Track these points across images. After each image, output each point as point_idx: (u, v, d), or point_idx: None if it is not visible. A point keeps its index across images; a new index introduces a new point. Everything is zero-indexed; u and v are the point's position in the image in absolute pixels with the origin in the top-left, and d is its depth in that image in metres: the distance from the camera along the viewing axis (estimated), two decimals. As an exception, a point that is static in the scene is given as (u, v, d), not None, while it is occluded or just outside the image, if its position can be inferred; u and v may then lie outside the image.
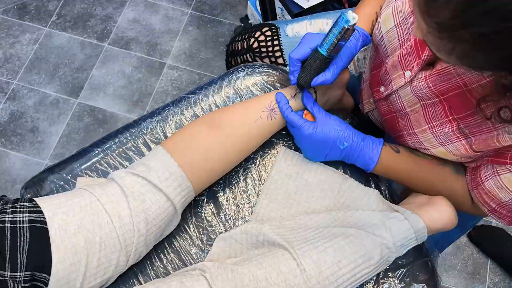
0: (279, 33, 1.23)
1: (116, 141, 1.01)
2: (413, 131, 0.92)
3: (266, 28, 1.24)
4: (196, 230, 0.96)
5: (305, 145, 0.94)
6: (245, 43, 1.24)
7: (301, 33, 1.22)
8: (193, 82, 2.09)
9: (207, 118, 0.94)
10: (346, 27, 0.80)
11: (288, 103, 0.94)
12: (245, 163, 1.02)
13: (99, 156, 0.99)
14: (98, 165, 0.98)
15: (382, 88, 1.00)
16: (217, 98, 1.06)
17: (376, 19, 1.00)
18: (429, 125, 0.88)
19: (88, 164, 0.98)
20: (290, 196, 0.98)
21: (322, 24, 1.24)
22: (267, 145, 1.03)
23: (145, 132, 1.02)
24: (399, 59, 0.91)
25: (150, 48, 2.15)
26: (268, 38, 1.22)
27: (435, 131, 0.87)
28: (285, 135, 1.04)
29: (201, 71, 2.11)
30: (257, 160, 1.02)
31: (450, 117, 0.83)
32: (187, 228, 0.96)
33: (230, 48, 1.30)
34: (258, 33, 1.24)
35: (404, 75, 0.90)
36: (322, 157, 0.96)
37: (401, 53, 0.90)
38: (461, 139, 0.83)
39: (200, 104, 1.06)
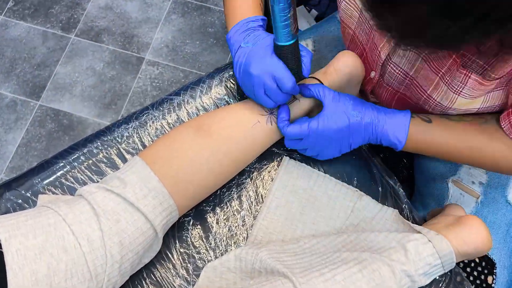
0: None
1: (84, 151, 1.02)
2: (427, 94, 0.94)
3: None
4: (180, 258, 0.97)
5: (320, 146, 0.95)
6: None
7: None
8: (177, 80, 2.10)
9: (194, 123, 0.95)
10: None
11: (288, 119, 0.95)
12: (239, 178, 1.02)
13: (65, 169, 1.00)
14: (63, 180, 0.99)
15: (372, 74, 1.03)
16: (205, 100, 1.07)
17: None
18: (439, 74, 0.90)
19: (51, 178, 0.99)
20: (294, 217, 0.99)
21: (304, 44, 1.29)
22: (265, 156, 1.03)
23: (119, 140, 1.03)
24: None
25: (125, 40, 2.16)
26: None
27: (446, 78, 0.89)
28: (287, 143, 1.05)
29: (187, 68, 2.12)
30: (254, 174, 1.03)
31: (454, 55, 0.85)
32: (169, 255, 0.97)
33: None
34: None
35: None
36: (347, 147, 0.97)
37: None
38: (469, 74, 0.85)
39: (186, 107, 1.07)
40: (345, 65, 1.00)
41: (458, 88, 0.88)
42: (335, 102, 0.93)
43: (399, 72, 0.97)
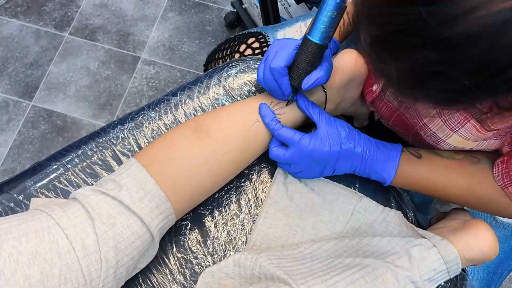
0: (268, 43, 1.25)
1: (79, 153, 1.02)
2: (423, 122, 0.94)
3: (253, 39, 1.25)
4: (177, 263, 0.97)
5: (305, 164, 0.95)
6: (228, 60, 1.26)
7: (296, 38, 1.26)
8: (174, 80, 2.10)
9: (192, 123, 0.95)
10: (340, 2, 0.82)
11: (275, 116, 0.95)
12: (238, 180, 1.03)
13: (58, 172, 1.00)
14: (56, 183, 0.99)
15: (374, 87, 1.02)
16: (203, 100, 1.08)
17: (344, 24, 1.04)
18: (437, 110, 0.90)
19: (44, 181, 0.99)
20: (293, 221, 0.99)
21: (299, 28, 1.27)
22: (265, 158, 1.03)
23: (114, 142, 1.03)
24: None
25: (121, 38, 2.16)
26: (256, 52, 1.24)
27: (444, 115, 0.89)
28: (287, 145, 1.05)
29: (184, 67, 2.12)
30: (253, 177, 1.04)
31: None
32: (166, 260, 0.97)
33: (209, 68, 1.32)
34: (243, 46, 1.25)
35: None
36: (330, 171, 0.97)
37: None
38: (469, 118, 0.86)
39: (183, 107, 1.07)
40: (347, 64, 1.00)
41: (455, 127, 0.89)
42: (329, 127, 0.93)
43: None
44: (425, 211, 1.16)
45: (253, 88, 1.08)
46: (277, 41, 0.94)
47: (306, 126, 1.02)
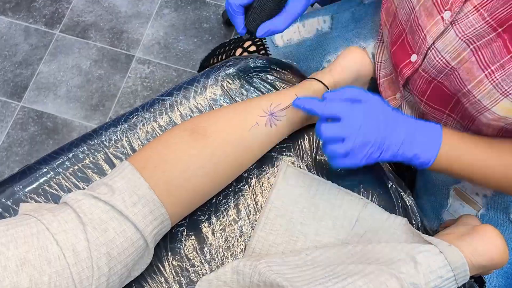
0: (265, 46, 1.26)
1: (70, 156, 1.02)
2: (466, 89, 0.91)
3: (249, 43, 1.26)
4: (173, 271, 0.97)
5: (356, 137, 0.87)
6: None
7: (295, 39, 1.26)
8: (170, 80, 2.10)
9: (188, 125, 0.95)
10: None
11: (315, 98, 0.92)
12: (236, 185, 1.03)
13: (48, 176, 1.00)
14: (47, 187, 0.99)
15: (413, 57, 1.00)
16: (200, 101, 1.08)
17: None
18: (486, 72, 0.87)
19: (34, 186, 0.99)
20: (295, 228, 0.99)
21: (317, 23, 1.27)
22: (265, 161, 1.04)
23: (107, 144, 1.03)
24: (433, 1, 0.92)
25: (114, 36, 2.16)
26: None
27: (495, 77, 0.86)
28: (289, 147, 1.05)
29: (180, 66, 2.12)
30: (252, 181, 1.04)
31: None
32: (161, 268, 0.97)
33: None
34: (239, 51, 1.26)
35: (442, 18, 0.91)
36: (375, 156, 0.90)
37: None
38: None
39: (179, 108, 1.07)
40: (352, 62, 0.99)
41: (508, 89, 0.86)
42: (378, 101, 0.90)
43: (439, 61, 0.94)
44: (438, 217, 1.15)
45: (253, 89, 1.09)
46: None
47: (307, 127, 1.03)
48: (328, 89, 0.99)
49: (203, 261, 0.98)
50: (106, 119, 2.02)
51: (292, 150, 1.05)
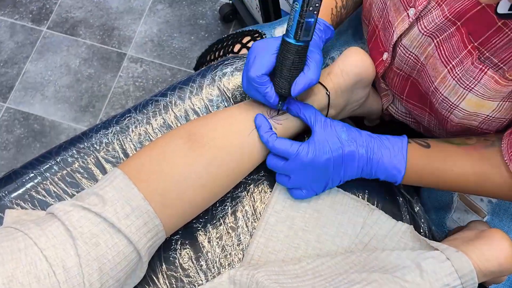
0: None
1: (58, 160, 1.02)
2: (433, 86, 0.94)
3: (248, 38, 1.26)
4: (167, 282, 0.97)
5: (307, 176, 0.95)
6: None
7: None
8: (164, 80, 2.10)
9: (184, 131, 0.94)
10: None
11: (271, 128, 0.95)
12: (233, 191, 1.02)
13: (35, 181, 1.00)
14: (33, 193, 0.99)
15: (385, 55, 1.03)
16: (196, 101, 1.08)
17: (336, 7, 1.06)
18: (448, 67, 0.90)
19: (20, 191, 0.99)
20: (296, 234, 0.99)
21: None
22: (264, 166, 1.03)
23: (97, 148, 1.03)
24: None
25: (104, 33, 2.17)
26: None
27: (456, 72, 0.89)
28: (289, 151, 1.05)
29: (174, 65, 2.12)
30: (251, 187, 1.03)
31: (469, 46, 0.86)
32: (154, 278, 0.97)
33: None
34: (237, 46, 1.26)
35: (408, 15, 0.94)
36: (337, 181, 0.97)
37: None
38: (485, 69, 0.86)
39: (173, 109, 1.07)
40: (353, 65, 1.00)
41: (470, 84, 0.89)
42: (326, 129, 0.93)
43: (410, 56, 0.98)
44: (442, 223, 1.16)
45: (251, 88, 1.09)
46: (256, 44, 0.94)
47: (308, 130, 1.02)
48: (328, 92, 0.99)
49: (198, 271, 0.98)
50: (97, 121, 2.02)
51: (293, 153, 1.05)
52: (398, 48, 0.99)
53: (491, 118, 0.92)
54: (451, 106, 0.93)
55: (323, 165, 0.92)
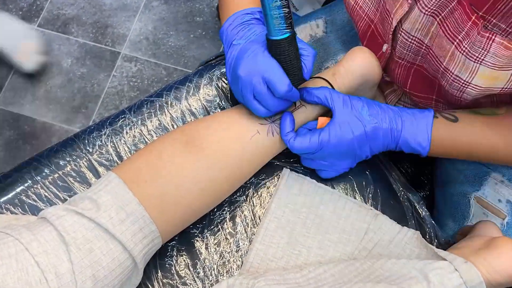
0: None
1: (49, 163, 1.02)
2: (443, 66, 0.94)
3: None
4: (163, 290, 0.97)
5: (336, 157, 0.96)
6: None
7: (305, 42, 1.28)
8: (159, 79, 2.10)
9: (183, 133, 0.94)
10: None
11: (293, 129, 0.96)
12: (232, 195, 1.02)
13: (26, 185, 1.00)
14: (24, 198, 0.99)
15: (384, 47, 1.04)
16: (193, 102, 1.08)
17: None
18: (455, 43, 0.90)
19: (9, 196, 0.99)
20: (297, 240, 0.99)
21: (310, 29, 1.30)
22: (264, 169, 1.03)
23: (90, 150, 1.03)
24: None
25: (97, 31, 2.16)
26: None
27: (464, 46, 0.89)
28: (290, 155, 1.05)
29: (170, 64, 2.12)
30: (250, 191, 1.03)
31: (474, 17, 0.86)
32: (150, 286, 0.96)
33: None
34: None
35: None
36: (363, 156, 0.98)
37: None
38: (492, 37, 0.86)
39: (169, 110, 1.07)
40: (358, 65, 1.00)
41: (479, 56, 0.88)
42: (346, 108, 0.93)
43: (413, 41, 0.98)
44: (462, 200, 1.15)
45: (250, 88, 1.09)
46: (245, 65, 0.91)
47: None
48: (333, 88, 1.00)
49: (195, 278, 0.98)
50: (89, 123, 2.02)
51: (293, 157, 1.05)
52: (399, 35, 0.99)
53: (506, 89, 0.91)
54: (463, 85, 0.93)
55: (348, 147, 0.94)
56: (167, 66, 2.12)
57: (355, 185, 1.04)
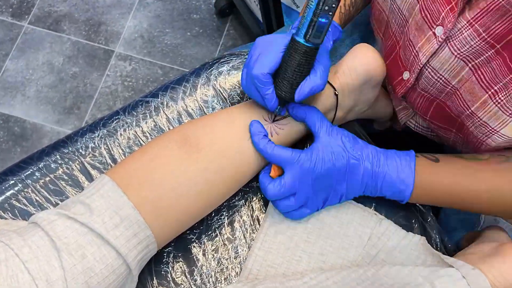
0: None
1: (40, 166, 1.02)
2: (470, 110, 0.93)
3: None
4: (158, 298, 0.97)
5: (309, 189, 0.94)
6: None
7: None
8: (155, 79, 2.10)
9: (178, 134, 0.94)
10: None
11: (267, 135, 0.95)
12: (231, 199, 1.02)
13: (16, 189, 1.00)
14: (14, 202, 0.99)
15: (405, 74, 1.02)
16: (189, 103, 1.08)
17: (345, 5, 1.06)
18: (490, 92, 0.89)
19: (-1, 200, 0.99)
20: (298, 246, 0.99)
21: None
22: (263, 172, 1.04)
23: (83, 153, 1.03)
24: (422, 15, 0.93)
25: (90, 29, 2.17)
26: None
27: (499, 98, 0.88)
28: (290, 156, 1.05)
29: (166, 63, 2.13)
30: (249, 195, 1.03)
31: None
32: (145, 294, 0.97)
33: None
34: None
35: (434, 34, 0.92)
36: (338, 196, 0.97)
37: (422, 5, 0.93)
38: None
39: (165, 111, 1.07)
40: (361, 63, 0.99)
41: None
42: (330, 136, 0.93)
43: (438, 79, 0.96)
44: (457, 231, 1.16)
45: (249, 88, 1.09)
46: (260, 39, 0.93)
47: (309, 136, 1.03)
48: (335, 90, 0.99)
49: (192, 286, 0.98)
50: (82, 124, 2.02)
51: (294, 159, 1.05)
52: (425, 70, 0.98)
53: None
54: (491, 131, 0.93)
55: (326, 174, 0.92)
56: (163, 65, 2.12)
57: (358, 189, 1.04)
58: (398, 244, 0.99)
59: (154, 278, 0.97)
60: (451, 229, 1.18)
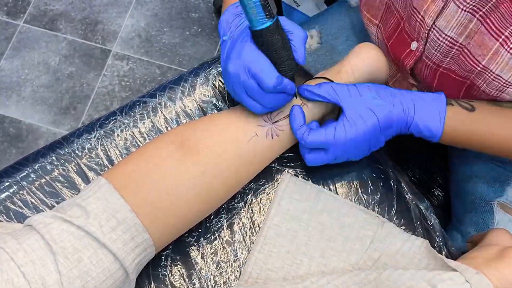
0: None
1: (36, 167, 1.02)
2: (481, 65, 0.94)
3: None
4: (156, 302, 0.97)
5: (350, 151, 0.96)
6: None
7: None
8: (152, 79, 2.10)
9: (176, 136, 0.94)
10: None
11: (305, 122, 0.95)
12: (230, 202, 1.02)
13: (11, 191, 0.99)
14: (9, 204, 0.99)
15: (413, 45, 1.03)
16: (188, 103, 1.08)
17: None
18: (500, 40, 0.89)
19: (-7, 202, 0.99)
20: (298, 249, 0.99)
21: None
22: (263, 174, 1.03)
23: (79, 154, 1.03)
24: None
25: (87, 28, 2.17)
26: None
27: (511, 43, 0.88)
28: (291, 158, 1.05)
29: (164, 63, 2.13)
30: (249, 197, 1.03)
31: None
32: (142, 298, 0.97)
33: None
34: None
35: None
36: (377, 144, 0.98)
37: None
38: None
39: (163, 112, 1.07)
40: (365, 62, 1.00)
41: None
42: (354, 99, 0.93)
43: (444, 40, 0.97)
44: (484, 207, 1.15)
45: (249, 88, 1.09)
46: (230, 65, 0.91)
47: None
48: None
49: (191, 290, 0.98)
50: (78, 125, 2.02)
51: (295, 161, 1.05)
52: (431, 33, 0.98)
53: None
54: (504, 85, 0.93)
55: (363, 138, 0.94)
56: (160, 64, 2.12)
57: (361, 191, 1.04)
58: (400, 247, 0.99)
59: (152, 281, 0.97)
60: (465, 233, 1.18)
